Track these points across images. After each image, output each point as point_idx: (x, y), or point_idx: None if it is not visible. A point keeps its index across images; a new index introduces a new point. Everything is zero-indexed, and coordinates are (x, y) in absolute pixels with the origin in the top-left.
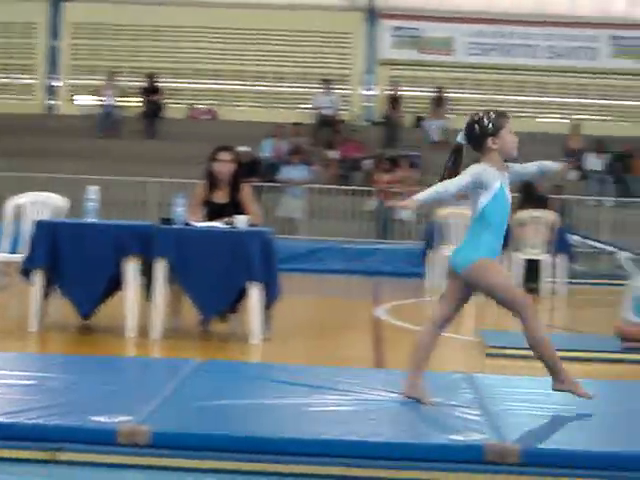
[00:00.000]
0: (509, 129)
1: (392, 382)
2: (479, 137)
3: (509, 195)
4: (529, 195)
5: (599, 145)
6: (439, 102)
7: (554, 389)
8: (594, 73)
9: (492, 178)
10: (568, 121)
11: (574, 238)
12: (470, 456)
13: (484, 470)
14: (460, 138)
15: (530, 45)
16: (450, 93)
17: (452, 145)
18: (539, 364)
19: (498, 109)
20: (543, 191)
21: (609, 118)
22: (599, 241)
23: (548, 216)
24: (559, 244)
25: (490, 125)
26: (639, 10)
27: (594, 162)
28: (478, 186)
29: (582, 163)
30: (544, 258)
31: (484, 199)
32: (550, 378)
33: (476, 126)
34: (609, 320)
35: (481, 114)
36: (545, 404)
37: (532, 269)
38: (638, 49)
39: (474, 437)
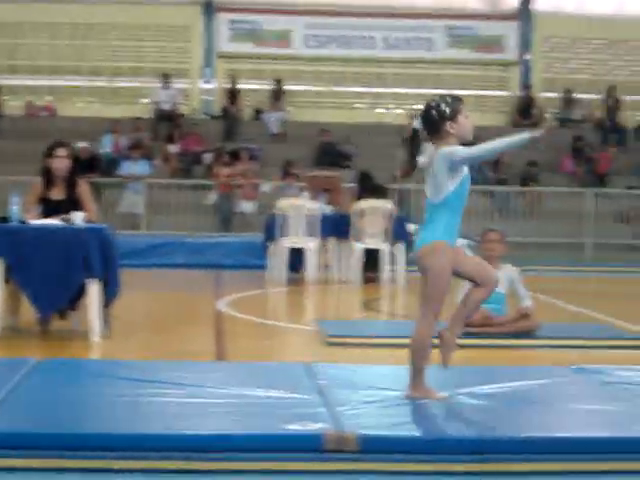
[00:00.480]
0: (465, 113)
1: (232, 375)
2: (437, 122)
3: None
4: (367, 185)
5: None
6: (278, 95)
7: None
8: (430, 63)
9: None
10: (405, 111)
11: (412, 227)
12: (309, 445)
13: (324, 459)
14: (416, 124)
15: (367, 36)
16: (289, 85)
17: (409, 132)
18: (379, 352)
19: (452, 94)
20: (381, 181)
21: None
22: None
23: (386, 205)
24: (397, 233)
25: (447, 110)
26: (472, 1)
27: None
28: (456, 167)
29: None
30: (383, 247)
31: (452, 184)
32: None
33: (433, 111)
34: (448, 306)
35: (438, 99)
36: (384, 392)
37: (371, 258)
38: (472, 39)
39: (313, 426)
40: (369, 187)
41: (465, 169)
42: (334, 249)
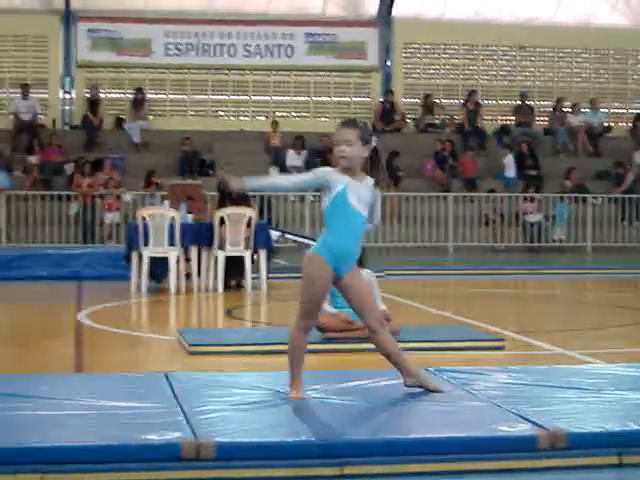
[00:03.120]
0: (364, 145)
1: (90, 386)
2: None
3: (357, 202)
4: (228, 193)
5: (298, 141)
6: (139, 104)
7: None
8: (291, 70)
9: (335, 181)
10: (267, 118)
11: (274, 233)
12: (167, 454)
13: (182, 467)
14: (374, 142)
15: (227, 44)
16: (150, 94)
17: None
18: (241, 359)
19: (363, 121)
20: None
21: (307, 114)
22: (299, 235)
23: (247, 213)
24: (259, 240)
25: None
26: (332, 8)
27: (294, 158)
28: (324, 185)
29: (283, 160)
30: (245, 254)
31: (326, 200)
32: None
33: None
34: None
35: (364, 122)
36: (244, 399)
37: (234, 266)
38: (333, 45)
39: (171, 436)
40: (230, 195)
41: (337, 188)
42: (196, 258)
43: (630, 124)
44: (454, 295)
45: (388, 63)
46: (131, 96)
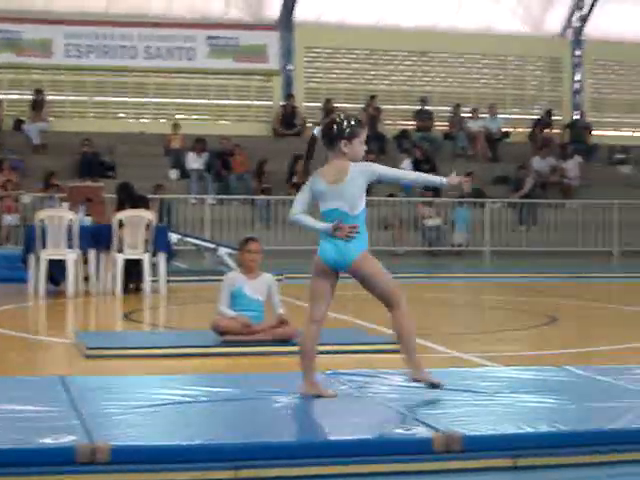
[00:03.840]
0: (362, 139)
1: None
2: (334, 137)
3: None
4: (127, 195)
5: (199, 144)
6: (39, 105)
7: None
8: (192, 73)
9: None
10: (168, 121)
11: (173, 236)
12: (62, 458)
13: (76, 471)
14: (316, 131)
15: (129, 46)
16: (50, 95)
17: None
18: (139, 363)
19: (358, 117)
20: (143, 191)
21: (208, 117)
22: (199, 238)
23: (146, 215)
24: (158, 243)
25: (347, 129)
26: (234, 11)
27: (194, 160)
28: (316, 196)
29: (184, 162)
30: (144, 257)
31: (364, 198)
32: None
33: (334, 126)
34: (210, 316)
35: (342, 117)
36: (140, 402)
37: (133, 269)
38: (234, 49)
39: (66, 439)
40: (130, 197)
41: None
42: (95, 261)
43: (529, 130)
44: (353, 299)
45: (289, 67)
46: (31, 97)
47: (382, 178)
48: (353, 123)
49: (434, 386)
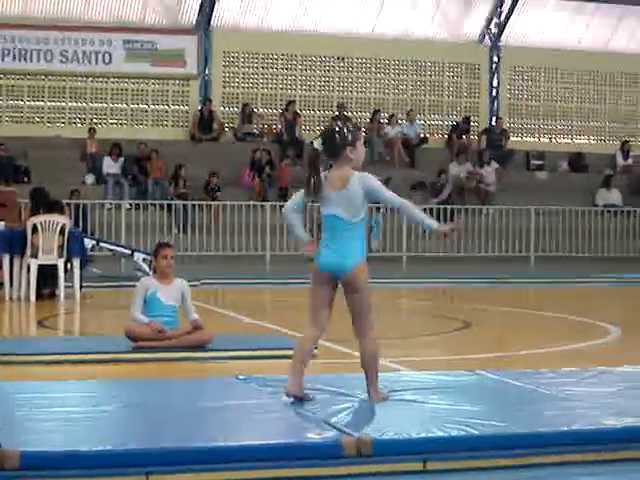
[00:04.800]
0: (362, 141)
1: None
2: (338, 146)
3: None
4: (41, 200)
5: (115, 148)
6: None
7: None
8: (109, 77)
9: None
10: (84, 125)
11: (88, 241)
12: None
13: None
14: (317, 144)
15: (44, 49)
16: None
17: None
18: (52, 369)
19: (350, 121)
20: (59, 196)
21: (125, 121)
22: (115, 243)
23: (61, 220)
24: (73, 248)
25: (350, 135)
26: (151, 15)
27: (110, 165)
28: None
29: (100, 167)
30: (59, 263)
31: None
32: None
33: (337, 135)
34: (124, 321)
35: (341, 124)
36: (52, 408)
37: (47, 274)
38: (149, 52)
39: None
40: (44, 202)
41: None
42: (9, 266)
43: (446, 136)
44: (269, 304)
45: (207, 71)
46: None
47: (372, 193)
48: (352, 128)
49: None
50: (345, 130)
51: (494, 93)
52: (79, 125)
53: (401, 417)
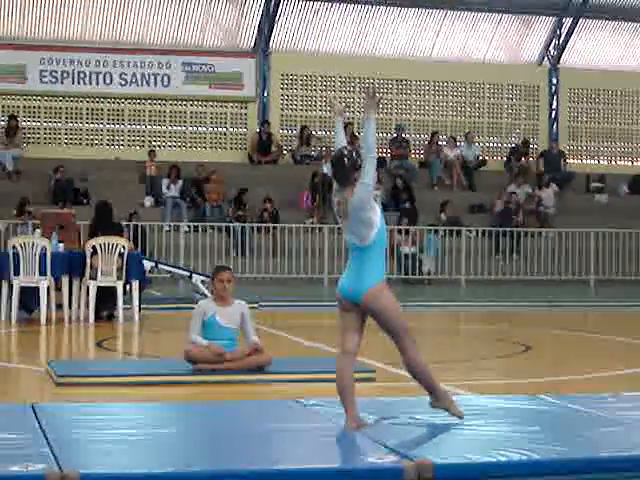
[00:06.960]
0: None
1: None
2: (348, 170)
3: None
4: (103, 222)
5: (174, 171)
6: (12, 131)
7: (432, 406)
8: (167, 100)
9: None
10: (142, 148)
11: (147, 263)
12: None
13: None
14: (326, 169)
15: (103, 72)
16: (24, 122)
17: (320, 177)
18: (111, 391)
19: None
20: (118, 218)
21: (183, 144)
22: (174, 266)
23: (120, 242)
24: (132, 270)
25: (358, 159)
26: (210, 38)
27: (169, 188)
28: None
29: (159, 189)
30: (117, 285)
31: (376, 224)
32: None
33: (346, 160)
34: (183, 343)
35: (349, 148)
36: (111, 431)
37: (106, 296)
38: (209, 75)
39: (35, 467)
40: (105, 224)
41: (378, 210)
42: (68, 288)
43: (505, 158)
44: (327, 327)
45: (265, 94)
46: (4, 123)
47: (357, 203)
48: (359, 152)
49: (456, 416)
50: (354, 154)
51: (553, 115)
52: (137, 148)
53: (462, 441)
